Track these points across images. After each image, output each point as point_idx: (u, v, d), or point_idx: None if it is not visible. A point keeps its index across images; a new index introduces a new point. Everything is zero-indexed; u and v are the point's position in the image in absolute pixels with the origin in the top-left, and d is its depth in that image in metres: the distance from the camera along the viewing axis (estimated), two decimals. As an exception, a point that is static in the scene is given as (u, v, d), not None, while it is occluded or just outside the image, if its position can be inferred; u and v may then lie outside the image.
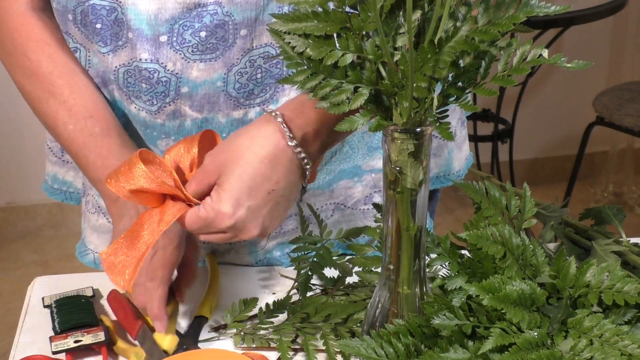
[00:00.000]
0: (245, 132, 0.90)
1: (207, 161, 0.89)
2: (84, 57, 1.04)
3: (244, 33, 0.96)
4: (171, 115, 1.02)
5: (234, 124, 1.02)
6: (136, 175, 0.87)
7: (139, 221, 0.90)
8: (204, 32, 0.95)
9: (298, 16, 0.77)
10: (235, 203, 0.87)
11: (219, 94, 1.00)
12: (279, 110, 0.91)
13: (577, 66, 0.76)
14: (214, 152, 0.90)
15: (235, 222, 0.87)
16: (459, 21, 0.74)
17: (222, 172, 0.88)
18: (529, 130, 3.36)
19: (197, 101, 1.00)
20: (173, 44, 0.96)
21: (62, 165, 1.19)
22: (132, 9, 0.95)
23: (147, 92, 1.00)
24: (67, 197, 1.22)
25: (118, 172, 0.88)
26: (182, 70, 0.98)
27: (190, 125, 1.02)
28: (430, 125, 0.77)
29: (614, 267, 0.83)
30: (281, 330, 0.95)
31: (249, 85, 1.00)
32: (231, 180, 0.87)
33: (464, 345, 0.79)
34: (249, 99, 1.01)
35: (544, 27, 2.69)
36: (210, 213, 0.87)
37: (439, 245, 0.89)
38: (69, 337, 0.95)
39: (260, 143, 0.88)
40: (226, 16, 0.95)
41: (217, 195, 0.87)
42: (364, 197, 1.14)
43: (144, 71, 0.98)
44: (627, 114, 2.67)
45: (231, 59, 0.98)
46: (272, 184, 0.88)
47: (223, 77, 0.98)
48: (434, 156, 1.20)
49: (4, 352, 2.46)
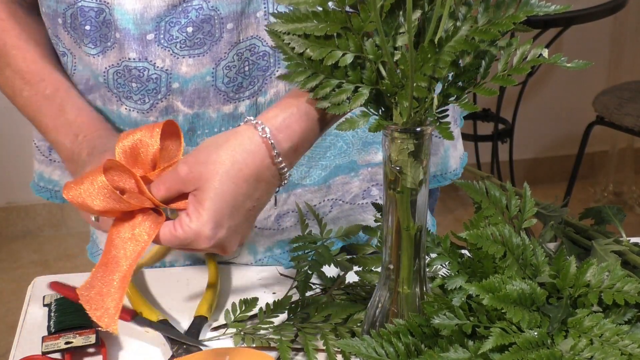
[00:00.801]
0: (226, 144, 0.84)
1: (182, 169, 0.83)
2: (70, 63, 1.05)
3: (231, 27, 0.96)
4: (164, 111, 1.02)
5: (224, 118, 1.03)
6: (98, 190, 0.81)
7: (109, 240, 0.83)
8: (191, 27, 0.96)
9: (298, 16, 0.77)
10: (216, 225, 0.82)
11: (209, 88, 1.00)
12: (264, 121, 0.84)
13: (577, 66, 0.76)
14: (191, 160, 0.84)
15: (215, 242, 0.83)
16: (459, 21, 0.74)
17: (200, 185, 0.82)
18: (529, 130, 3.36)
19: (187, 96, 1.00)
20: (160, 41, 0.97)
21: (49, 164, 1.19)
22: (118, 9, 0.95)
23: (137, 92, 1.00)
24: (53, 196, 1.22)
25: (79, 184, 0.82)
26: (172, 67, 0.98)
27: (182, 120, 1.02)
28: (430, 125, 0.77)
29: (614, 267, 0.83)
30: (281, 330, 0.95)
31: (237, 79, 1.00)
32: (213, 197, 0.81)
33: (464, 345, 0.79)
34: (238, 93, 1.01)
35: (544, 27, 2.69)
36: (188, 234, 0.82)
37: (439, 245, 0.89)
38: (60, 338, 0.95)
39: (245, 160, 0.83)
40: (212, 10, 0.95)
41: (197, 215, 0.81)
42: (362, 192, 1.14)
43: (134, 70, 0.98)
44: (627, 114, 2.67)
45: (219, 54, 0.98)
46: (254, 201, 0.84)
47: (212, 72, 0.99)
48: (431, 155, 1.20)
49: (4, 352, 2.46)
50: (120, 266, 0.81)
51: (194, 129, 1.04)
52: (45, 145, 1.17)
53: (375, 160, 1.12)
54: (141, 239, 0.82)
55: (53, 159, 1.18)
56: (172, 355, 0.93)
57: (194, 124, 1.03)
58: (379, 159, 1.12)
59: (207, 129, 1.04)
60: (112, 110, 1.04)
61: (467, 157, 1.30)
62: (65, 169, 1.19)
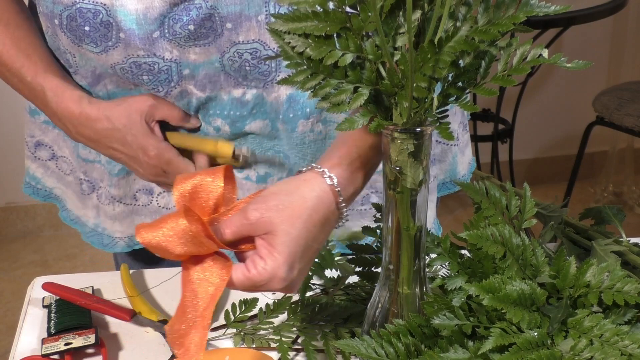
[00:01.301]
0: (297, 191, 0.87)
1: (253, 215, 0.84)
2: (71, 61, 1.06)
3: (230, 26, 0.98)
4: (178, 96, 1.05)
5: (234, 102, 1.05)
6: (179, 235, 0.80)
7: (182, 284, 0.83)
8: (192, 25, 0.97)
9: (298, 16, 0.77)
10: (290, 267, 0.83)
11: (219, 73, 1.02)
12: (329, 169, 0.88)
13: (577, 66, 0.76)
14: (262, 207, 0.85)
15: (285, 286, 0.84)
16: (459, 21, 0.74)
17: (272, 230, 0.83)
18: (529, 130, 3.36)
19: (199, 81, 1.03)
20: (166, 36, 0.98)
21: (34, 160, 1.21)
22: (120, 10, 0.96)
23: (149, 83, 1.03)
24: (35, 193, 1.24)
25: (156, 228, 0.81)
26: (180, 56, 1.00)
27: (196, 102, 1.05)
28: (430, 125, 0.77)
29: (614, 267, 0.83)
30: (281, 331, 0.95)
31: (241, 71, 1.01)
32: (287, 242, 0.83)
33: (464, 345, 0.79)
34: (245, 80, 1.03)
35: (544, 27, 2.69)
36: (263, 275, 0.83)
37: (439, 245, 0.89)
38: (60, 340, 0.95)
39: (314, 206, 0.86)
40: (211, 9, 0.97)
41: (273, 258, 0.83)
42: (361, 198, 1.14)
43: (144, 65, 1.00)
44: (627, 114, 2.67)
45: (222, 46, 1.00)
46: (319, 244, 0.87)
47: (219, 60, 1.01)
48: (440, 162, 1.20)
49: (4, 352, 2.46)
50: (197, 308, 0.82)
51: (207, 109, 1.07)
52: (32, 141, 1.20)
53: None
54: (213, 281, 0.82)
55: (38, 156, 1.20)
56: (172, 355, 0.93)
57: (207, 104, 1.06)
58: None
59: (218, 110, 1.06)
60: (129, 89, 1.06)
61: (473, 157, 1.30)
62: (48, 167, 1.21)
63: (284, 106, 1.05)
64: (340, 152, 0.89)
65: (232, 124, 1.07)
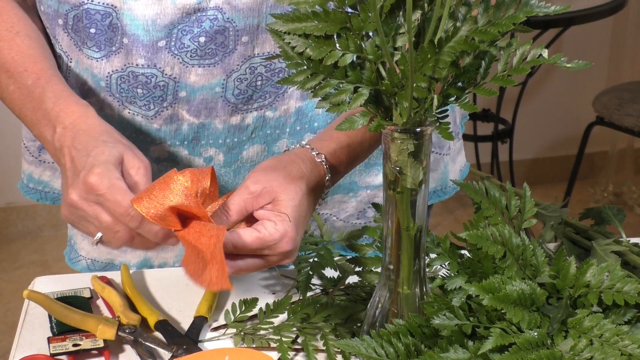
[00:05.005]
0: (293, 163, 0.91)
1: (255, 187, 0.87)
2: (64, 66, 1.02)
3: (246, 40, 0.96)
4: (168, 119, 1.01)
5: (230, 130, 1.02)
6: (175, 190, 0.82)
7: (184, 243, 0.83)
8: (203, 37, 0.95)
9: (298, 16, 0.77)
10: (297, 229, 0.87)
11: (217, 99, 1.00)
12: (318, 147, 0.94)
13: (577, 66, 0.76)
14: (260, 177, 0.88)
15: (295, 245, 0.87)
16: (459, 21, 0.74)
17: (276, 197, 0.87)
18: (529, 130, 3.36)
19: (194, 106, 1.00)
20: (171, 49, 0.96)
21: (39, 165, 1.18)
22: (127, 14, 0.94)
23: (143, 97, 1.00)
24: (42, 197, 1.21)
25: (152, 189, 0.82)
26: (180, 75, 0.97)
27: (187, 129, 1.02)
28: (430, 125, 0.77)
29: (614, 267, 0.83)
30: (281, 331, 0.95)
31: (248, 92, 1.00)
32: (292, 206, 0.87)
33: (464, 345, 0.79)
34: (247, 104, 1.01)
35: (544, 27, 2.69)
36: (275, 235, 0.85)
37: (439, 245, 0.89)
38: (67, 340, 0.95)
39: (309, 177, 0.91)
40: (227, 22, 0.94)
41: (282, 219, 0.86)
42: (357, 212, 1.14)
43: (141, 76, 0.98)
44: (627, 114, 2.67)
45: (231, 65, 0.97)
46: (310, 214, 0.91)
47: (222, 83, 0.98)
48: (431, 171, 1.20)
49: (4, 352, 2.46)
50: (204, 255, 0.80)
51: (199, 139, 1.04)
52: (34, 145, 1.16)
53: (375, 183, 1.12)
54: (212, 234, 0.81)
55: (43, 159, 1.17)
56: (172, 355, 0.93)
57: (198, 134, 1.03)
58: (378, 181, 1.12)
59: (211, 139, 1.04)
60: (111, 115, 1.03)
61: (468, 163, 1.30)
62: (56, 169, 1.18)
63: (291, 119, 1.04)
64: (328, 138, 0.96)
65: (228, 152, 1.05)
